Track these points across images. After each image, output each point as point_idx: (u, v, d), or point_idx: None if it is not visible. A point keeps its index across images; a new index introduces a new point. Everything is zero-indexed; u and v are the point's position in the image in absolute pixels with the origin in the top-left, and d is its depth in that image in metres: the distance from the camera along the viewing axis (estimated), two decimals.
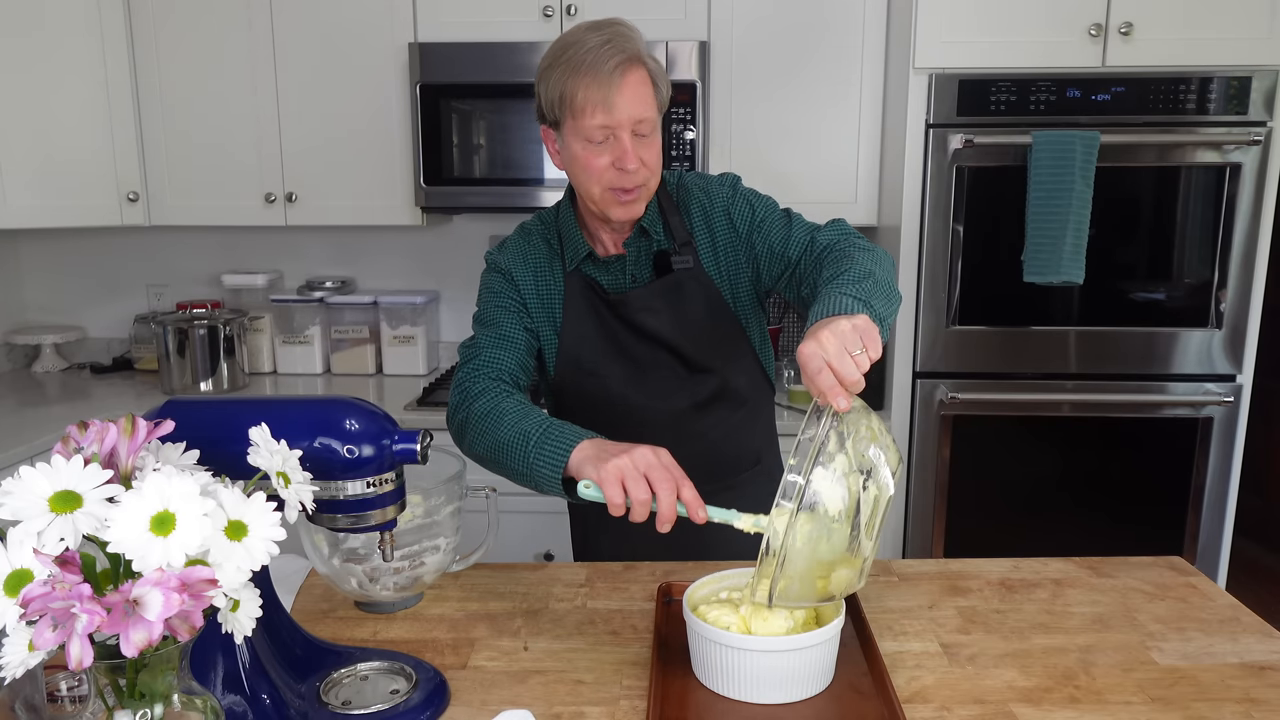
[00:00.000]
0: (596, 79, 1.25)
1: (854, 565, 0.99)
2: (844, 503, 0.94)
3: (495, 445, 1.23)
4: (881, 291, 1.14)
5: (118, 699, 0.74)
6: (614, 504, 1.05)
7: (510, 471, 1.22)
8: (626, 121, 1.28)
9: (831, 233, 1.34)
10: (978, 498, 2.42)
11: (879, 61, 2.51)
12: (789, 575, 0.96)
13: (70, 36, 2.50)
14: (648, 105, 1.30)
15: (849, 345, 0.97)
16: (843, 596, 1.03)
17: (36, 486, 0.71)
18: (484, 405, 1.28)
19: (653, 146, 1.32)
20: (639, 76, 1.28)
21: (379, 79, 2.57)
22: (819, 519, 0.94)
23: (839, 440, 0.95)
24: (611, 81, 1.25)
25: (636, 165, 1.29)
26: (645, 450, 1.07)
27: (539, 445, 1.17)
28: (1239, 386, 2.36)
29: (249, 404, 1.18)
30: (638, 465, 1.05)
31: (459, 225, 2.95)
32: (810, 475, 0.93)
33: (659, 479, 1.04)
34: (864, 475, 0.96)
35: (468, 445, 1.30)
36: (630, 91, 1.27)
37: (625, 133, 1.28)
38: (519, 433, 1.20)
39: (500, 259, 1.46)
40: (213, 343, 2.68)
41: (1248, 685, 1.06)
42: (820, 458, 0.94)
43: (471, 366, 1.36)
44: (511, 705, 1.02)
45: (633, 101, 1.27)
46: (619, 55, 1.26)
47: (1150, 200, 2.30)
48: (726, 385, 1.47)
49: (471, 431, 1.28)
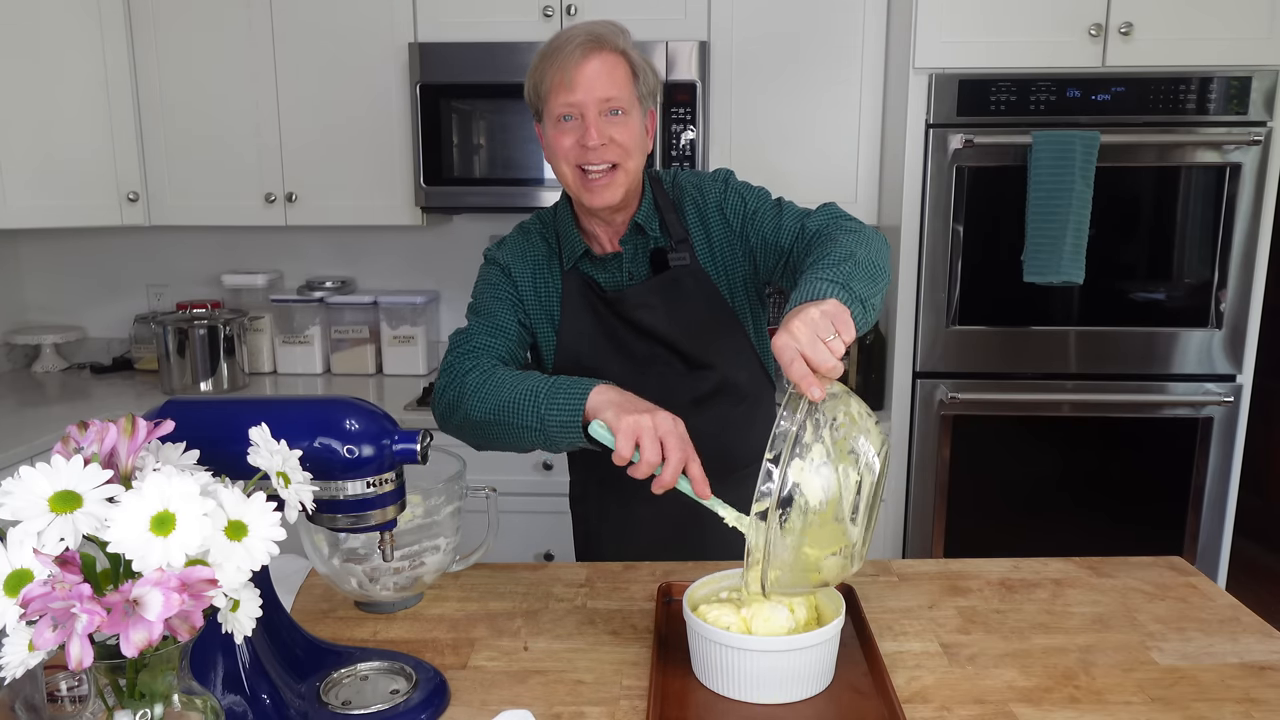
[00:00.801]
0: (561, 61, 1.30)
1: (844, 552, 0.98)
2: (825, 492, 0.94)
3: (498, 405, 1.24)
4: (863, 272, 1.13)
5: (118, 699, 0.74)
6: (621, 455, 1.07)
7: (517, 430, 1.22)
8: (591, 101, 1.30)
9: (821, 217, 1.34)
10: (978, 498, 2.42)
11: (879, 61, 2.51)
12: (777, 566, 0.96)
13: (70, 36, 2.50)
14: (617, 86, 1.31)
15: (820, 332, 0.98)
16: (838, 581, 1.03)
17: (36, 486, 0.71)
18: (476, 377, 1.29)
19: (626, 126, 1.33)
20: (606, 59, 1.31)
21: (379, 79, 2.57)
22: (800, 510, 0.94)
23: (815, 429, 0.95)
24: (572, 61, 1.29)
25: (599, 141, 1.30)
26: (666, 416, 1.09)
27: (550, 396, 1.18)
28: (1239, 386, 2.36)
29: (249, 404, 1.18)
30: (658, 427, 1.07)
31: (459, 225, 2.95)
32: (788, 467, 0.93)
33: (673, 447, 1.07)
34: (846, 462, 0.95)
35: (463, 415, 1.29)
36: (592, 71, 1.29)
37: (591, 111, 1.30)
38: (525, 389, 1.21)
39: (499, 255, 1.47)
40: (213, 343, 2.68)
41: (1248, 685, 1.06)
42: (796, 449, 0.94)
43: (461, 351, 1.37)
44: (511, 705, 1.02)
45: (596, 80, 1.30)
46: (585, 39, 1.30)
47: (1150, 200, 2.30)
48: (725, 381, 1.47)
49: (469, 400, 1.28)
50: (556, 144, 1.33)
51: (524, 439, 1.23)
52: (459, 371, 1.33)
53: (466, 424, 1.30)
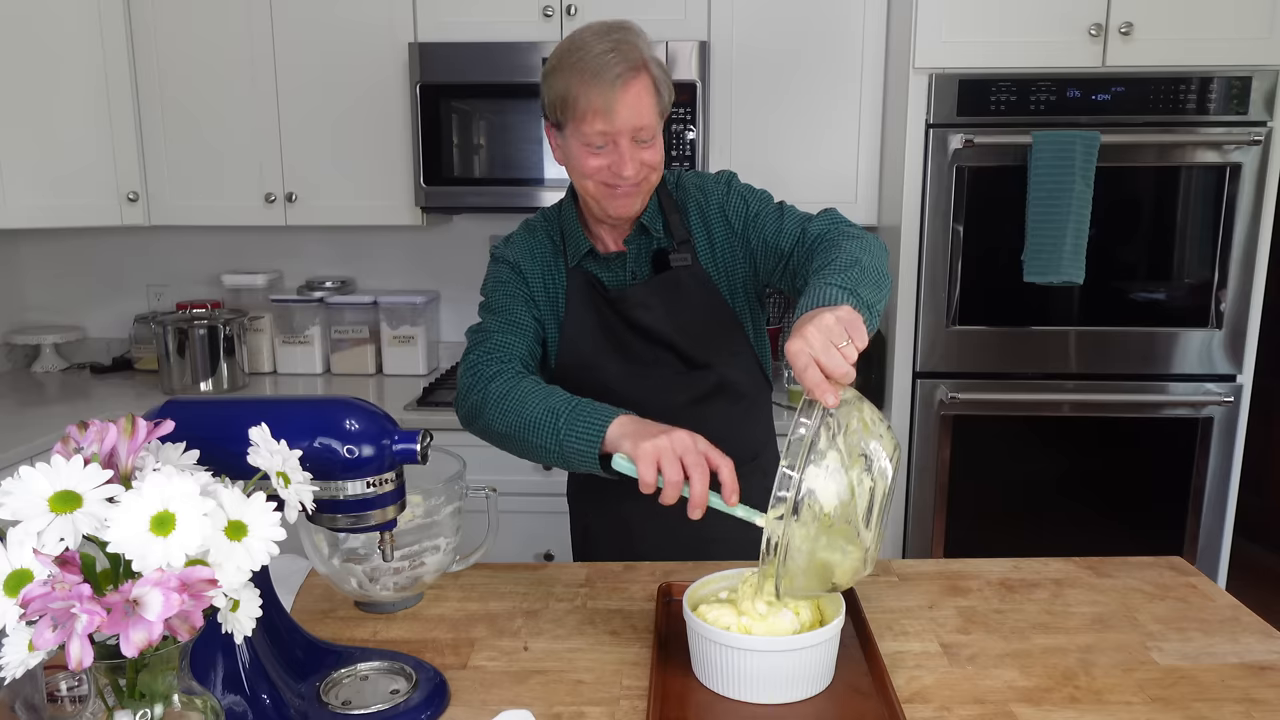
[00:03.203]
0: (599, 87, 1.26)
1: (857, 555, 0.99)
2: (839, 498, 0.94)
3: (520, 423, 1.24)
4: (869, 278, 1.14)
5: (118, 699, 0.74)
6: (645, 483, 1.07)
7: (534, 448, 1.23)
8: (626, 130, 1.29)
9: (822, 222, 1.34)
10: (978, 498, 2.42)
11: (879, 61, 2.51)
12: (792, 572, 0.97)
13: (70, 37, 2.50)
14: (649, 114, 1.30)
15: (834, 338, 0.98)
16: (850, 585, 1.03)
17: (36, 486, 0.71)
18: (501, 386, 1.29)
19: (653, 149, 1.33)
20: (641, 85, 1.29)
21: (379, 79, 2.57)
22: (814, 516, 0.94)
23: (829, 436, 0.95)
24: (613, 90, 1.26)
25: (633, 171, 1.30)
26: (683, 435, 1.08)
27: (570, 421, 1.18)
28: (1239, 386, 2.35)
29: (249, 404, 1.18)
30: (675, 448, 1.07)
31: (459, 225, 2.95)
32: (803, 474, 0.94)
33: (693, 464, 1.06)
34: (859, 467, 0.96)
35: (484, 425, 1.30)
36: (632, 100, 1.28)
37: (624, 139, 1.29)
38: (546, 409, 1.21)
39: (507, 252, 1.47)
40: (213, 343, 2.68)
41: (1248, 685, 1.06)
42: (811, 455, 0.94)
43: (483, 350, 1.37)
44: (511, 705, 1.02)
45: (634, 110, 1.28)
46: (622, 64, 1.27)
47: (1150, 200, 2.30)
48: (724, 381, 1.47)
49: (490, 411, 1.28)
50: (583, 162, 1.32)
51: (541, 459, 1.24)
52: (483, 376, 1.32)
53: (487, 432, 1.31)
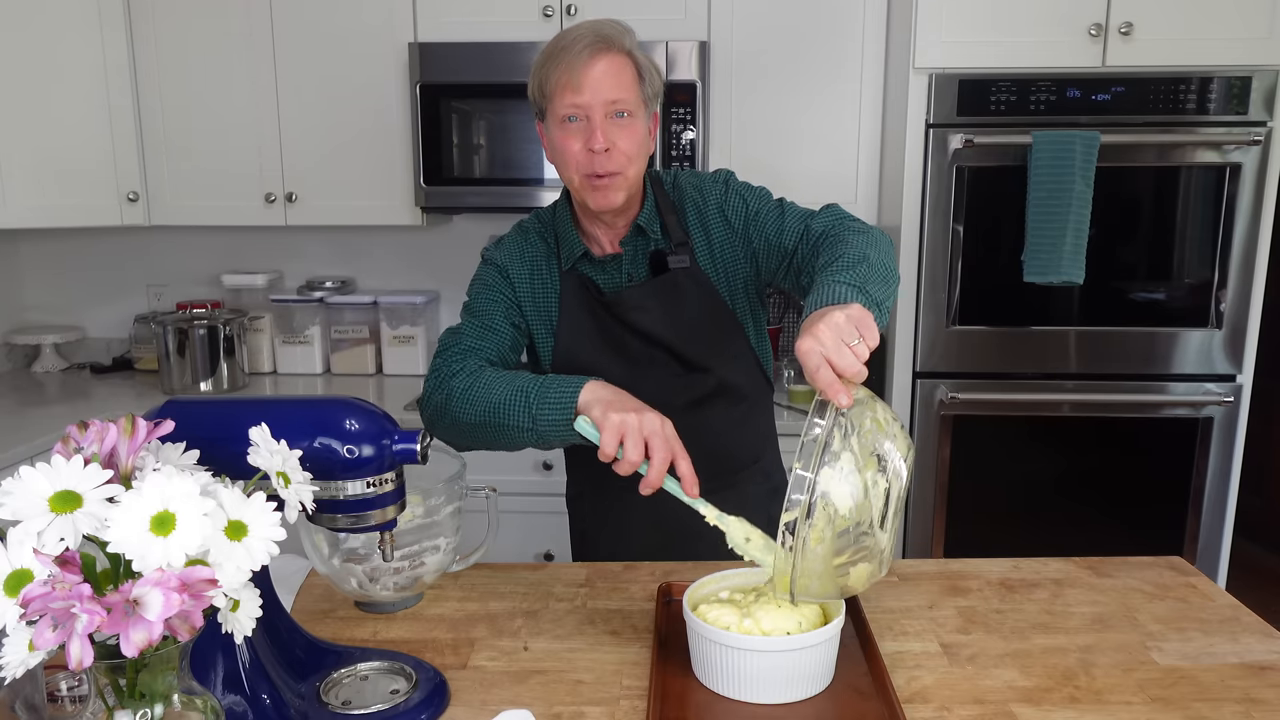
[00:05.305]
0: (567, 60, 1.28)
1: (871, 558, 0.98)
2: (853, 499, 0.94)
3: (488, 408, 1.23)
4: (877, 275, 1.14)
5: (118, 699, 0.74)
6: (605, 452, 1.08)
7: (508, 430, 1.22)
8: (598, 103, 1.29)
9: (826, 218, 1.33)
10: (978, 498, 2.42)
11: (879, 61, 2.51)
12: (806, 574, 0.96)
13: (70, 36, 2.50)
14: (624, 88, 1.30)
15: (845, 336, 0.97)
16: (866, 587, 1.02)
17: (36, 486, 0.71)
18: (463, 380, 1.29)
19: (631, 131, 1.32)
20: (614, 61, 1.30)
21: (379, 79, 2.57)
22: (829, 518, 0.93)
23: (843, 437, 0.95)
24: (580, 61, 1.28)
25: (604, 145, 1.29)
26: (654, 416, 1.09)
27: (540, 394, 1.18)
28: (1239, 386, 2.35)
29: (249, 404, 1.18)
30: (644, 428, 1.08)
31: (459, 225, 2.95)
32: (817, 475, 0.93)
33: (657, 447, 1.07)
34: (873, 468, 0.95)
35: (451, 419, 1.29)
36: (600, 73, 1.28)
37: (597, 114, 1.29)
38: (514, 389, 1.22)
39: (497, 255, 1.46)
40: (213, 343, 2.68)
41: (1248, 685, 1.06)
42: (825, 457, 0.93)
43: (450, 353, 1.36)
44: (511, 705, 1.02)
45: (603, 82, 1.28)
46: (592, 39, 1.29)
47: (1150, 200, 2.30)
48: (724, 383, 1.46)
49: (456, 404, 1.27)
50: (563, 146, 1.32)
51: (516, 439, 1.23)
52: (445, 375, 1.32)
53: (456, 427, 1.29)
